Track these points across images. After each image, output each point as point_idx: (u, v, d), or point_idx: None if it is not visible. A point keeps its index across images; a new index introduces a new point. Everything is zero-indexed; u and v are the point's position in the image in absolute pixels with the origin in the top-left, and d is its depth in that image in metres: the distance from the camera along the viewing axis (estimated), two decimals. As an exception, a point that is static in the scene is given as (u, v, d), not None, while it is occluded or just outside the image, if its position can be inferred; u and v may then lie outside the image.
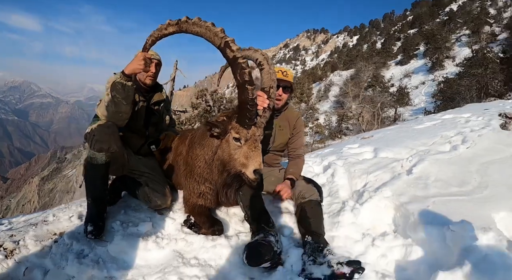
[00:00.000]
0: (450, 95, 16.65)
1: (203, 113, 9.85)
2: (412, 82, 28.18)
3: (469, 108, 8.24)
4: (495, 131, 4.87)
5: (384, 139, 5.35)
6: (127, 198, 2.80)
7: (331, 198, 3.21)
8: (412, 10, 72.36)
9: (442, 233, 2.19)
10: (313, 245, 2.26)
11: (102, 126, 2.27)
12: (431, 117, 7.32)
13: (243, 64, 2.01)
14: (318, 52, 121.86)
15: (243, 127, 2.16)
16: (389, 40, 50.82)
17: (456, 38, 34.20)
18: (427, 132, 5.38)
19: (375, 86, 23.60)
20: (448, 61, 29.06)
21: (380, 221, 2.73)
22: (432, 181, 3.18)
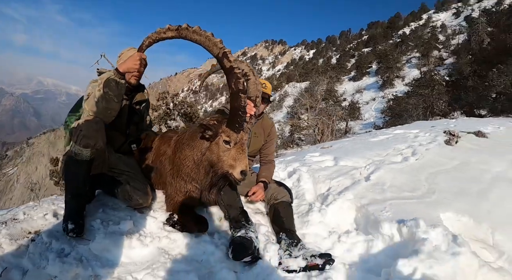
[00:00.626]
0: (398, 112, 17.74)
1: (163, 116, 9.75)
2: (363, 97, 29.46)
3: (418, 124, 9.07)
4: (440, 146, 5.51)
5: (342, 149, 5.76)
6: (103, 197, 2.76)
7: (299, 200, 3.45)
8: (368, 30, 75.62)
9: (399, 229, 2.54)
10: (287, 241, 2.47)
11: (90, 122, 2.26)
12: (383, 132, 7.97)
13: (238, 74, 2.17)
14: (275, 62, 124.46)
15: (233, 131, 2.32)
16: (344, 57, 52.94)
17: (406, 59, 36.45)
18: (381, 144, 5.90)
19: (329, 100, 24.63)
20: (398, 80, 30.76)
21: (344, 220, 3.05)
22: (387, 186, 3.59)
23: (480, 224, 2.83)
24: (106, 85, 2.25)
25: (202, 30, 2.15)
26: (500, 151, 5.30)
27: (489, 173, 4.14)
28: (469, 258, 2.13)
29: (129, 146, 2.84)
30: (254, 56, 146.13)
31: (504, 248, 2.55)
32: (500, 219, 2.93)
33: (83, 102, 2.43)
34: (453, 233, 2.40)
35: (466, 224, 2.87)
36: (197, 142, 2.49)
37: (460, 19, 51.59)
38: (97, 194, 2.81)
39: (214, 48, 2.16)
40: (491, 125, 7.58)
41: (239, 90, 2.18)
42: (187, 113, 9.67)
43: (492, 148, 5.53)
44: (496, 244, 2.62)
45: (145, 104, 2.97)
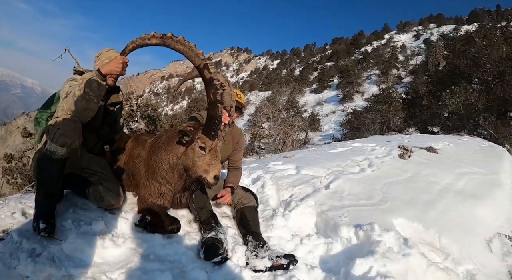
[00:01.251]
0: (356, 126, 18.45)
1: (126, 117, 9.54)
2: (323, 110, 30.13)
3: (374, 138, 9.62)
4: (395, 159, 5.95)
5: (304, 159, 6.05)
6: (72, 197, 2.74)
7: (263, 205, 3.65)
8: (332, 45, 77.69)
9: (356, 232, 2.84)
10: (254, 243, 2.65)
11: (69, 121, 2.27)
12: (342, 144, 8.42)
13: (217, 85, 2.33)
14: (239, 70, 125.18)
15: (209, 138, 2.46)
16: (307, 69, 54.12)
17: (367, 76, 38.19)
18: (340, 156, 6.26)
19: (290, 110, 25.23)
20: (357, 95, 31.94)
21: (305, 225, 3.29)
22: (346, 194, 3.90)
23: (428, 229, 3.16)
24: (88, 86, 2.28)
25: (186, 41, 2.28)
26: (448, 166, 5.85)
27: (438, 185, 4.59)
28: (418, 259, 2.45)
29: (102, 147, 2.85)
30: (219, 62, 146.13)
31: (449, 250, 2.90)
32: (446, 225, 3.32)
33: (61, 100, 2.42)
34: (404, 237, 2.72)
35: (416, 229, 3.21)
36: (174, 147, 2.60)
37: (419, 41, 55.23)
38: (66, 194, 2.78)
39: (196, 59, 2.30)
40: (441, 142, 8.21)
41: (217, 100, 2.34)
42: (151, 116, 9.53)
43: (442, 163, 6.06)
44: (443, 247, 2.97)
45: (119, 106, 3.00)
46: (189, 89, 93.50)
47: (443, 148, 7.40)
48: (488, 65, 12.65)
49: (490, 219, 3.78)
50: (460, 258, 2.82)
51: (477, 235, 3.33)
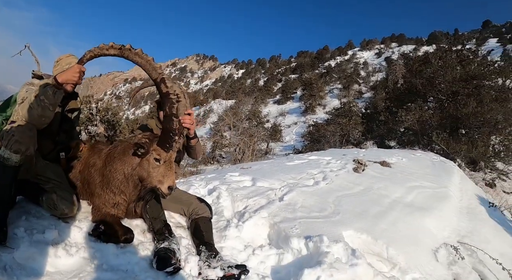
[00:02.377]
0: (317, 137, 19.18)
1: (85, 121, 9.25)
2: (286, 121, 31.01)
3: (331, 152, 9.99)
4: (349, 173, 6.26)
5: (261, 170, 6.23)
6: (25, 204, 2.70)
7: (218, 216, 3.76)
8: (297, 58, 79.95)
9: (306, 244, 3.03)
10: (207, 253, 2.75)
11: (24, 128, 2.27)
12: (300, 157, 8.68)
13: (173, 99, 2.44)
14: (203, 77, 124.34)
15: (164, 150, 2.56)
16: (271, 80, 55.40)
17: (329, 89, 39.77)
18: (296, 168, 6.49)
19: (252, 120, 25.51)
20: (319, 108, 33.27)
21: (258, 236, 3.45)
22: (299, 207, 4.10)
23: (376, 240, 3.32)
24: (43, 93, 2.28)
25: (144, 54, 2.34)
26: (400, 179, 6.22)
27: (388, 198, 4.91)
28: (365, 268, 2.66)
29: (57, 154, 2.84)
30: (184, 68, 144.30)
31: (397, 260, 3.12)
32: (394, 236, 3.51)
33: (17, 106, 2.40)
34: (352, 248, 2.93)
35: (364, 241, 3.42)
36: (129, 158, 2.67)
37: (381, 59, 58.34)
38: (19, 200, 2.74)
39: (154, 72, 2.38)
40: (395, 157, 8.67)
41: (172, 114, 2.44)
42: (110, 120, 9.33)
43: (394, 176, 6.43)
44: (390, 257, 3.17)
45: (77, 112, 3.01)
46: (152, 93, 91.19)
47: (396, 163, 7.83)
48: (442, 85, 13.62)
49: (437, 230, 4.13)
50: (407, 268, 3.06)
51: (424, 245, 3.63)
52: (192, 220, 3.15)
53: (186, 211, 3.28)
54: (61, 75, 2.35)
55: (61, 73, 2.37)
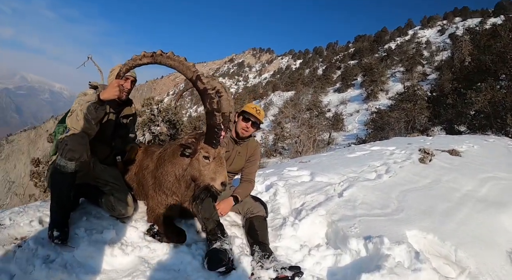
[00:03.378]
0: (380, 125, 18.13)
1: (147, 122, 9.82)
2: (347, 109, 29.78)
3: (395, 141, 9.34)
4: (414, 164, 5.73)
5: (320, 164, 5.98)
6: (87, 205, 2.89)
7: (274, 214, 3.64)
8: (355, 43, 76.81)
9: (365, 245, 2.78)
10: (260, 253, 2.66)
11: (76, 136, 2.41)
12: (361, 147, 8.22)
13: (212, 95, 2.37)
14: (261, 70, 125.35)
15: (211, 147, 2.52)
16: (330, 68, 53.96)
17: (391, 73, 37.32)
18: (357, 161, 6.11)
19: (313, 110, 24.98)
20: (382, 94, 31.40)
21: (315, 235, 3.25)
22: (359, 203, 3.81)
23: (444, 241, 3.02)
24: (86, 109, 2.42)
25: (176, 56, 2.33)
26: (472, 170, 5.57)
27: (458, 192, 4.40)
28: (430, 274, 2.38)
29: (114, 158, 2.99)
30: (241, 63, 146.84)
31: (466, 264, 2.76)
32: (464, 237, 3.16)
33: (67, 117, 2.56)
34: (416, 250, 2.65)
35: (430, 241, 3.08)
36: (178, 159, 2.68)
37: (444, 36, 53.22)
38: (82, 202, 2.94)
39: (188, 72, 2.35)
40: (466, 144, 7.88)
41: (213, 109, 2.38)
42: (171, 120, 9.78)
43: (465, 167, 5.79)
44: (459, 260, 2.83)
45: (132, 118, 3.13)
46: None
47: (467, 151, 7.09)
48: (515, 60, 11.91)
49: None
50: (477, 273, 2.69)
51: (499, 247, 3.16)
52: (247, 219, 3.08)
53: (241, 210, 3.22)
54: (103, 92, 2.45)
55: (103, 91, 2.47)
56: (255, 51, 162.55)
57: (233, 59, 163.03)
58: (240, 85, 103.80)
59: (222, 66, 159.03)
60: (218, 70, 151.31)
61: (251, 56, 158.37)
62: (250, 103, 3.39)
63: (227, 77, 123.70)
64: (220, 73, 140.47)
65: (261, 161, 17.77)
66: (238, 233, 3.10)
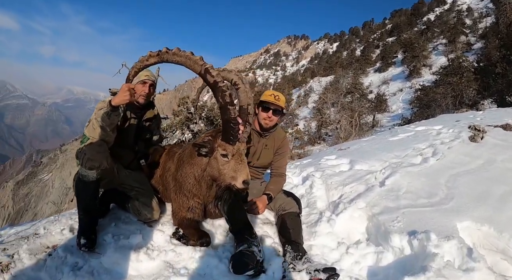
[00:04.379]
0: (426, 102, 16.99)
1: (185, 121, 9.94)
2: (390, 89, 28.50)
3: (442, 119, 8.58)
4: (464, 143, 5.14)
5: (359, 151, 5.60)
6: (116, 211, 2.92)
7: (309, 208, 3.42)
8: (391, 19, 73.61)
9: (409, 242, 2.47)
10: (292, 254, 2.47)
11: (93, 145, 2.40)
12: (405, 129, 7.62)
13: (223, 87, 2.20)
14: (298, 58, 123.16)
15: (229, 143, 2.36)
16: (368, 48, 52.04)
17: (433, 47, 34.96)
18: (400, 144, 5.63)
19: (354, 93, 24.04)
20: (425, 69, 29.56)
21: (354, 230, 2.98)
22: (402, 193, 3.44)
23: (501, 233, 2.63)
24: (100, 116, 2.38)
25: (181, 51, 2.19)
26: None
27: (517, 173, 3.84)
28: (484, 274, 2.06)
29: (138, 162, 2.97)
30: (277, 52, 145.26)
31: None
32: None
33: (85, 128, 2.56)
34: (469, 246, 2.32)
35: (486, 233, 2.70)
36: (196, 159, 2.56)
37: (486, 1, 48.52)
38: (112, 208, 2.98)
39: (196, 66, 2.20)
40: None
41: (226, 103, 2.22)
42: (208, 116, 9.84)
43: None
44: None
45: (154, 121, 3.07)
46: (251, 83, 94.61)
47: (523, 124, 6.19)
48: None
49: None
50: None
51: None
52: (279, 216, 2.89)
53: (273, 207, 3.05)
54: (114, 98, 2.39)
55: (114, 97, 2.42)
56: (290, 39, 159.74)
57: (268, 49, 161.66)
58: (278, 74, 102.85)
59: (258, 57, 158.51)
60: (255, 62, 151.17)
61: (286, 45, 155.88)
62: (268, 90, 3.16)
63: (265, 68, 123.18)
64: (257, 64, 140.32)
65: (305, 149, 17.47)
66: (270, 232, 2.94)
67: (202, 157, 2.51)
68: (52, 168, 64.53)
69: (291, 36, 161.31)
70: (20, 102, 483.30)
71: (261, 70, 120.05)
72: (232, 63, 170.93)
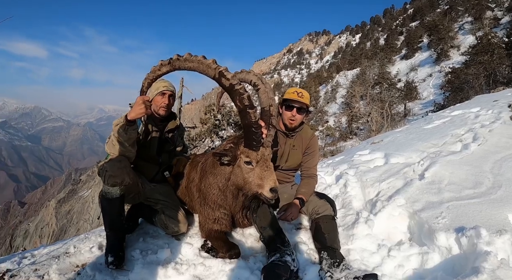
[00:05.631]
0: (458, 85, 16.31)
1: (213, 128, 9.96)
2: (419, 75, 27.73)
3: (478, 100, 8.06)
4: (506, 124, 4.80)
5: (394, 143, 5.29)
6: (145, 225, 2.87)
7: (345, 209, 3.20)
8: (412, 3, 71.94)
9: (457, 239, 2.21)
10: (329, 261, 2.28)
11: (114, 161, 2.35)
12: (439, 115, 7.17)
13: (240, 90, 2.07)
14: (322, 54, 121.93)
15: (252, 149, 2.22)
16: (391, 36, 50.89)
17: (458, 26, 33.50)
18: (437, 131, 5.28)
19: (382, 83, 23.32)
20: (453, 51, 28.40)
21: (395, 230, 2.73)
22: (445, 184, 3.16)
23: None
24: (117, 131, 2.33)
25: (193, 56, 2.07)
26: None
27: None
28: None
29: (162, 174, 2.90)
30: (300, 51, 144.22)
31: None
32: None
33: (105, 144, 2.52)
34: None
35: None
36: (219, 169, 2.44)
37: None
38: (140, 222, 2.94)
39: (209, 70, 2.07)
40: None
41: (245, 106, 2.08)
42: (236, 122, 9.81)
43: None
44: None
45: (177, 131, 3.00)
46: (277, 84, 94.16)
47: None
48: None
49: None
50: None
51: None
52: (313, 220, 2.69)
53: (306, 211, 2.86)
54: (129, 112, 2.34)
55: (130, 111, 2.36)
56: (311, 36, 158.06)
57: (291, 49, 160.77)
58: (303, 73, 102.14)
59: (282, 58, 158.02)
60: (279, 63, 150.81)
61: (308, 42, 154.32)
62: (291, 88, 2.97)
63: (289, 68, 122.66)
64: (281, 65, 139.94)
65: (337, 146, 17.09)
66: (305, 238, 2.76)
67: (225, 166, 2.38)
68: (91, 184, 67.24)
69: (312, 33, 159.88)
70: (56, 125, 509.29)
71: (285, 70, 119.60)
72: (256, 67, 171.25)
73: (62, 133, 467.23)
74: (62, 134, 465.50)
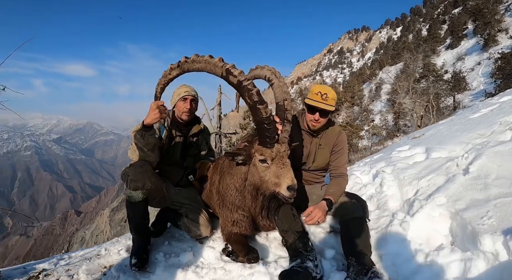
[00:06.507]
0: (510, 72, 15.09)
1: (252, 133, 10.04)
2: (466, 64, 26.21)
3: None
4: None
5: (436, 136, 4.88)
6: (172, 229, 2.95)
7: (380, 211, 2.97)
8: None
9: (505, 243, 1.91)
10: (357, 268, 2.09)
11: (135, 166, 2.41)
12: (487, 102, 6.44)
13: (248, 86, 2.00)
14: (363, 51, 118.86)
15: (266, 147, 2.13)
16: (434, 25, 48.50)
17: (504, 8, 30.89)
18: (484, 120, 4.73)
19: (428, 76, 22.11)
20: (501, 35, 26.42)
21: (434, 232, 2.44)
22: (492, 179, 2.75)
23: None
24: (135, 137, 2.38)
25: (200, 56, 2.04)
26: None
27: None
28: None
29: (187, 178, 2.92)
30: (341, 50, 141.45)
31: None
32: None
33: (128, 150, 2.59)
34: None
35: None
36: (236, 169, 2.38)
37: None
38: (169, 226, 3.03)
39: (216, 69, 2.02)
40: None
41: (255, 102, 2.00)
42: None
43: None
44: None
45: (201, 135, 3.01)
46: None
47: None
48: None
49: None
50: None
51: None
52: (342, 222, 2.48)
53: (335, 212, 2.69)
54: (146, 118, 2.36)
55: (146, 116, 2.38)
56: (350, 34, 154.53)
57: (331, 49, 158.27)
58: (345, 72, 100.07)
59: (322, 59, 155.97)
60: (320, 64, 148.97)
61: (348, 40, 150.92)
62: (315, 86, 2.72)
63: (331, 68, 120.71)
64: (322, 66, 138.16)
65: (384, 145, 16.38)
66: (333, 242, 2.59)
67: (241, 166, 2.31)
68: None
69: (351, 31, 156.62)
70: (107, 138, 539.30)
71: (327, 71, 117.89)
72: (298, 69, 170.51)
73: (114, 146, 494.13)
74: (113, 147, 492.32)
